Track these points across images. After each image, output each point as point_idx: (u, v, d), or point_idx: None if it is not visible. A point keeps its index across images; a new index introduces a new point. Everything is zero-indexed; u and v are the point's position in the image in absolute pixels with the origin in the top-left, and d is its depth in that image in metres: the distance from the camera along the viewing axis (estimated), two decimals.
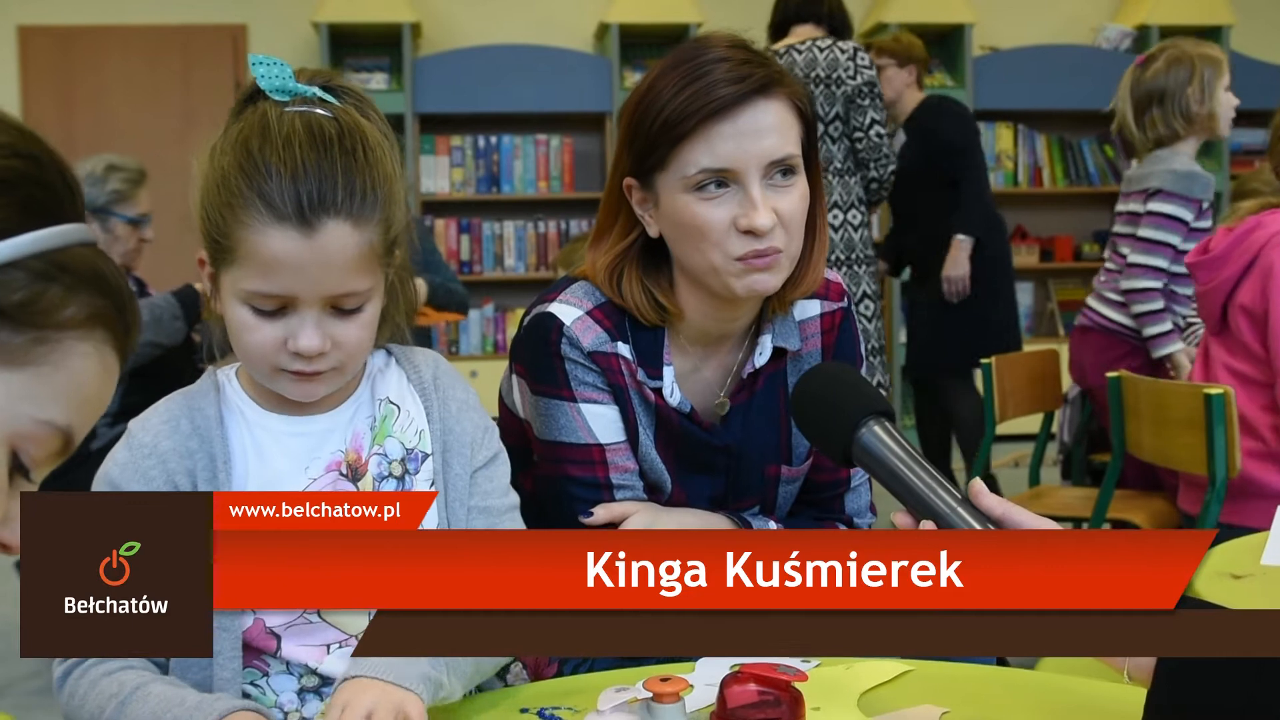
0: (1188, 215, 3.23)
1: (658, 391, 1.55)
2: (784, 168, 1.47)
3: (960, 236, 4.54)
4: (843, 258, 3.99)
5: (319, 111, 1.26)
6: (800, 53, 3.94)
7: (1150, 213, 3.26)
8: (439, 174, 7.07)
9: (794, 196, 1.48)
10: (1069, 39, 7.46)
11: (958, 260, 4.54)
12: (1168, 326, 3.25)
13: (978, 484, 1.11)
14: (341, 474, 1.31)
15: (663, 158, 1.48)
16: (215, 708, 1.15)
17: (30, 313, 0.72)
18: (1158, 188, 3.26)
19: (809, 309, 1.63)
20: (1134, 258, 3.27)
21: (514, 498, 1.41)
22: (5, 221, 0.72)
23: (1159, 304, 3.25)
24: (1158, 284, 3.23)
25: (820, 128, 3.89)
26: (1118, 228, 3.44)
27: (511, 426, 1.63)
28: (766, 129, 1.45)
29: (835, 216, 3.97)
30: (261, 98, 1.28)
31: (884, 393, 4.03)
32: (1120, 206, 3.45)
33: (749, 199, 1.45)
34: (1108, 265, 3.49)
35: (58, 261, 0.74)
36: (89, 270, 0.76)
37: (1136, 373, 3.19)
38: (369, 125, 1.28)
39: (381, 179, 1.25)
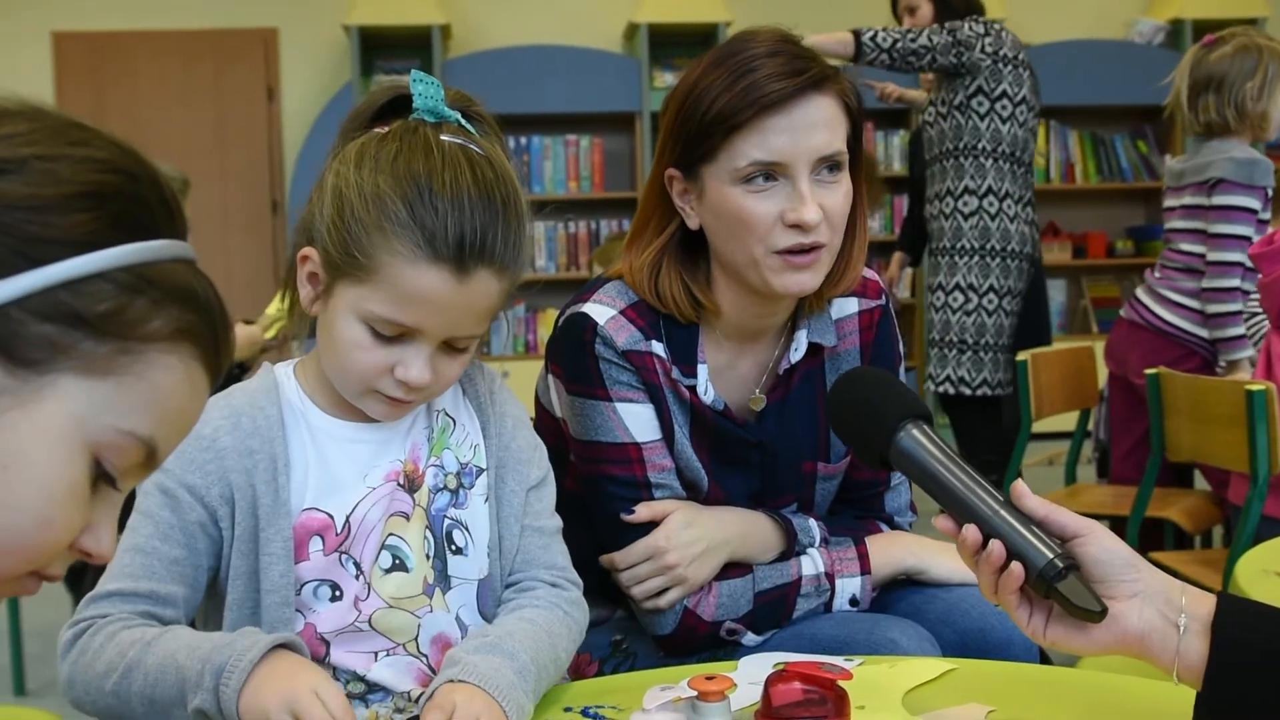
0: (1255, 204, 3.11)
1: (692, 389, 1.55)
2: (831, 164, 1.47)
3: None
4: (997, 248, 4.09)
5: (475, 149, 1.24)
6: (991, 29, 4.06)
7: (1216, 206, 3.14)
8: None
9: (839, 193, 1.47)
10: (1101, 34, 7.42)
11: None
12: (1242, 330, 3.14)
13: (1020, 486, 1.10)
14: (399, 485, 1.30)
15: (712, 149, 1.47)
16: (259, 640, 1.12)
17: (115, 323, 0.73)
18: (1219, 178, 3.13)
19: (846, 306, 1.63)
20: (1213, 255, 3.15)
21: (559, 520, 1.41)
22: (95, 234, 0.73)
23: (1237, 305, 3.13)
24: (1238, 282, 3.11)
25: (1009, 108, 4.06)
26: (1175, 223, 3.30)
27: (549, 426, 1.63)
28: (819, 124, 1.45)
29: (990, 203, 4.07)
30: (402, 112, 1.27)
31: (1009, 390, 4.01)
32: (1171, 201, 3.32)
33: (798, 193, 1.44)
34: (1165, 263, 3.35)
35: (147, 275, 0.74)
36: (179, 286, 0.76)
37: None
38: (512, 169, 1.27)
39: (527, 233, 1.25)
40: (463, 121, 1.28)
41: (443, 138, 1.23)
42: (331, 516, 1.27)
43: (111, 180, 0.75)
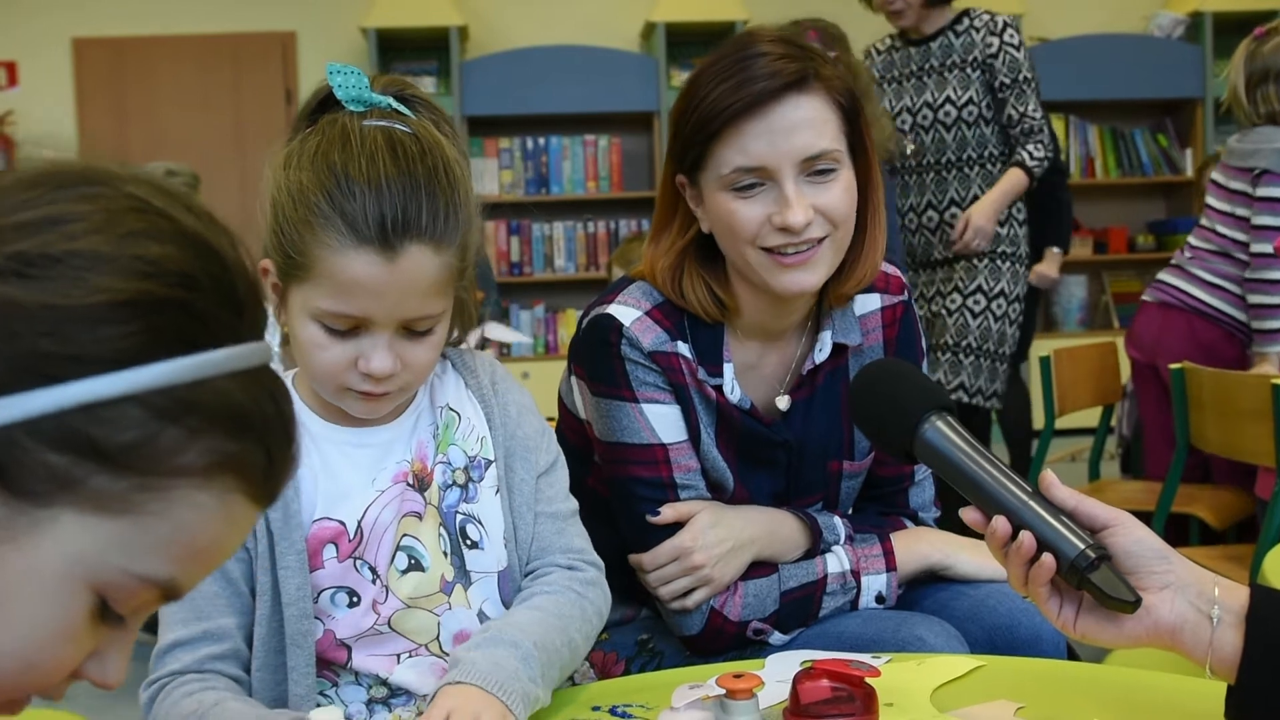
0: None
1: (718, 389, 1.55)
2: (822, 163, 1.45)
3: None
4: (1008, 252, 3.84)
5: (399, 127, 1.23)
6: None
7: (1261, 198, 3.12)
8: (488, 176, 7.09)
9: (835, 190, 1.46)
10: (1120, 28, 7.38)
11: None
12: None
13: (1049, 476, 1.09)
14: (408, 484, 1.30)
15: (699, 156, 1.48)
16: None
17: (137, 456, 0.62)
18: (1264, 168, 3.11)
19: (869, 303, 1.63)
20: (1256, 247, 3.13)
21: (574, 503, 1.41)
22: (128, 350, 0.62)
23: (1278, 297, 3.11)
24: None
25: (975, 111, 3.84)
26: (1216, 203, 3.27)
27: (573, 427, 1.63)
28: (799, 124, 1.44)
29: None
30: (335, 107, 1.25)
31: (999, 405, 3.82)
32: (1220, 177, 3.28)
33: (783, 197, 1.44)
34: (1197, 243, 3.32)
35: (187, 398, 0.63)
36: (228, 408, 0.65)
37: (1229, 361, 3.11)
38: (447, 142, 1.25)
39: (462, 200, 1.23)
40: (395, 104, 1.26)
41: (364, 123, 1.22)
42: (343, 523, 1.28)
43: (159, 289, 0.64)
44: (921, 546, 1.59)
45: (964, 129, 3.83)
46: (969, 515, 1.11)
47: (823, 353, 1.58)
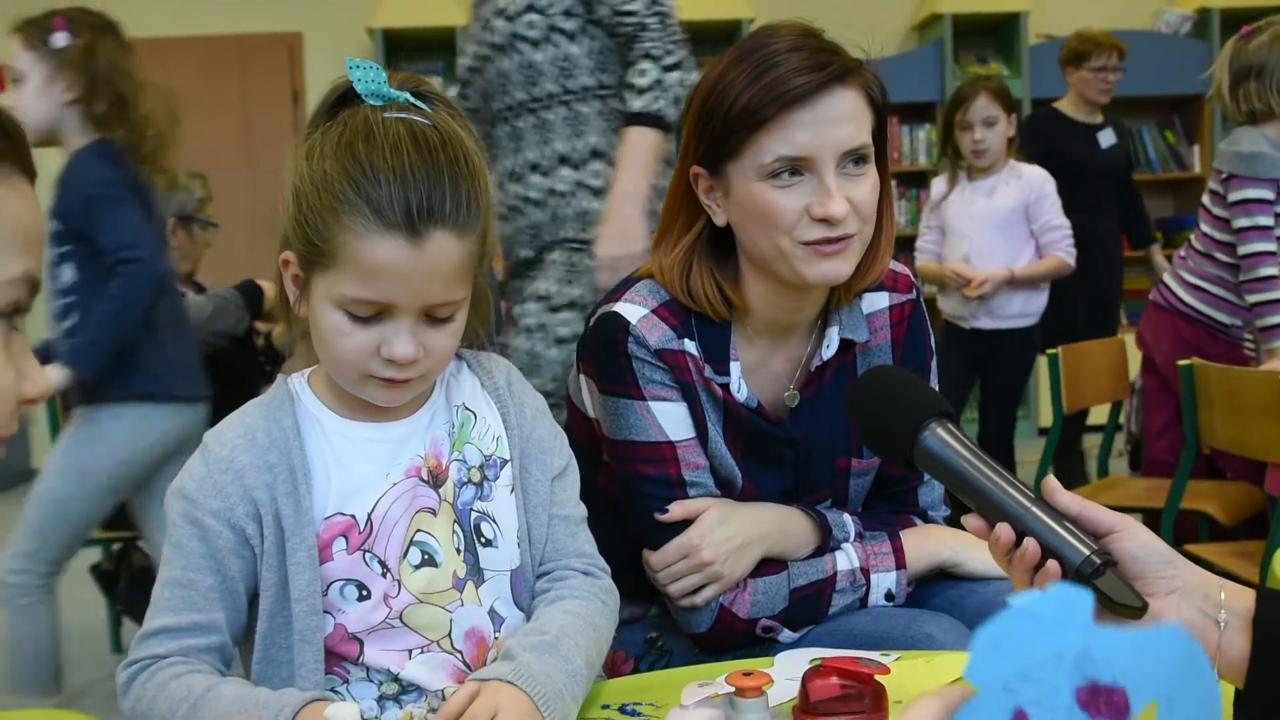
0: (1268, 194, 3.16)
1: (725, 387, 1.55)
2: (857, 156, 1.46)
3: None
4: None
5: (419, 119, 1.25)
6: None
7: (1233, 202, 3.20)
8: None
9: (866, 185, 1.47)
10: (1128, 24, 7.37)
11: None
12: None
13: (1051, 481, 1.09)
14: (422, 479, 1.31)
15: (737, 146, 1.47)
16: (285, 701, 1.15)
17: None
18: (1229, 173, 3.20)
19: (877, 301, 1.63)
20: (1241, 249, 3.20)
21: (584, 509, 1.42)
22: None
23: (1275, 293, 3.16)
24: (1274, 270, 3.15)
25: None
26: (1204, 201, 3.38)
27: (582, 426, 1.63)
28: (842, 118, 1.45)
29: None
30: (353, 102, 1.27)
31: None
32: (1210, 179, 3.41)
33: (824, 187, 1.44)
34: (1191, 243, 3.41)
35: None
36: None
37: (1216, 357, 3.14)
38: (465, 134, 1.27)
39: (482, 189, 1.24)
40: (411, 99, 1.28)
41: (385, 115, 1.24)
42: (353, 517, 1.28)
43: None
44: (931, 544, 1.59)
45: (560, 45, 2.53)
46: (971, 522, 1.10)
47: (830, 349, 1.58)
